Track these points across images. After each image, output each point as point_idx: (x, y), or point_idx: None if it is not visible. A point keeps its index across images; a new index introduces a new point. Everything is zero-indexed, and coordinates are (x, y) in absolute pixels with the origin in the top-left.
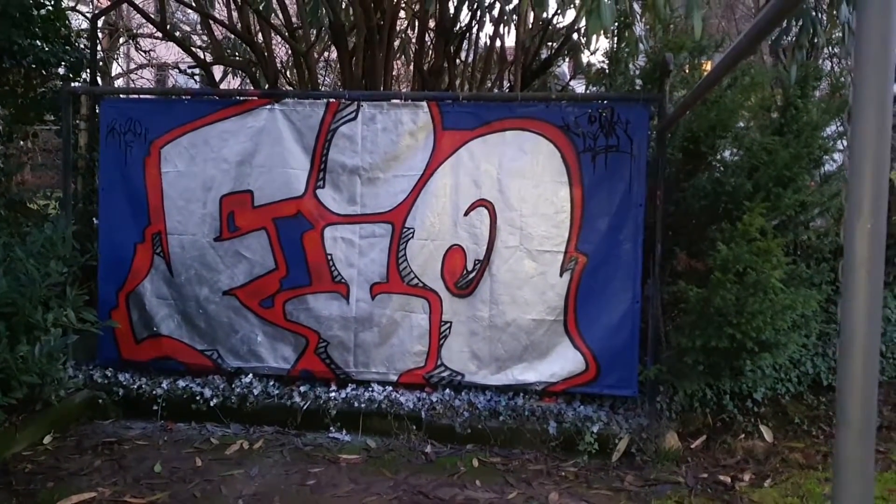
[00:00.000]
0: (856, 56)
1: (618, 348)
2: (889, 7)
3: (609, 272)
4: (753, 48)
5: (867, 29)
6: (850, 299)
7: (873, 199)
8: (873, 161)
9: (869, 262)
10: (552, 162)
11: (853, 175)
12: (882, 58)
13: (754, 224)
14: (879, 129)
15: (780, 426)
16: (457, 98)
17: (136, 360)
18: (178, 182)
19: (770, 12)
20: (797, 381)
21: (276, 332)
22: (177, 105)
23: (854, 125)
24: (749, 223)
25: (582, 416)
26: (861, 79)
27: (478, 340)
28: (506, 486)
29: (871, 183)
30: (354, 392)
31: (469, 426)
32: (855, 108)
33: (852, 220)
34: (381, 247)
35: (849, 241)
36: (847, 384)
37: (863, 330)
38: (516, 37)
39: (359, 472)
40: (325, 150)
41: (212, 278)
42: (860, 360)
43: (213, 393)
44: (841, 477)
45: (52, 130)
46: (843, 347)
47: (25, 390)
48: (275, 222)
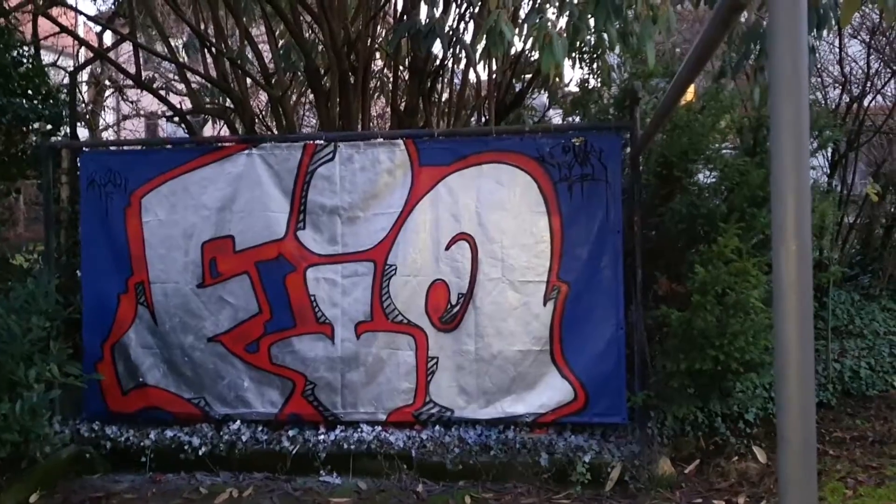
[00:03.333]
0: (770, 83)
1: (605, 375)
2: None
3: (592, 300)
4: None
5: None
6: (782, 321)
7: (797, 220)
8: (794, 183)
9: (797, 284)
10: (529, 193)
11: (775, 199)
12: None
13: (729, 245)
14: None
15: (773, 446)
16: (432, 135)
17: (123, 412)
18: (160, 231)
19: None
20: None
21: (262, 377)
22: (155, 154)
23: (773, 150)
24: (725, 244)
25: (573, 446)
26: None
27: (465, 375)
28: None
29: (793, 205)
30: (343, 434)
31: (460, 462)
32: (773, 133)
33: (778, 244)
34: (364, 285)
35: (776, 264)
36: (784, 405)
37: (796, 350)
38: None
39: None
40: (304, 191)
41: (196, 325)
42: (795, 380)
43: (201, 441)
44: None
45: (34, 185)
46: (779, 368)
47: (9, 448)
48: (257, 266)
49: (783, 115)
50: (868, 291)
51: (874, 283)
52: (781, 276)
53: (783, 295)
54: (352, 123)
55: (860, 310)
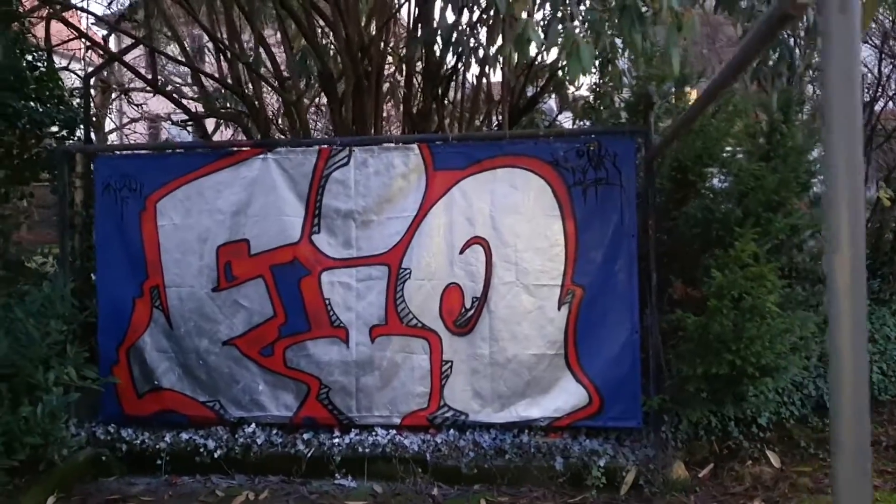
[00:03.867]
0: (823, 93)
1: (620, 380)
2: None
3: (606, 303)
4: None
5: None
6: (837, 327)
7: (850, 227)
8: (847, 191)
9: (851, 291)
10: (544, 197)
11: (829, 207)
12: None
13: (746, 250)
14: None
15: (786, 450)
16: (447, 139)
17: (138, 415)
18: (175, 235)
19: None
20: (801, 404)
21: (277, 380)
22: (171, 159)
23: (826, 158)
24: (741, 249)
25: (588, 450)
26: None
27: (479, 378)
28: None
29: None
30: (358, 437)
31: (475, 466)
32: (826, 143)
33: (832, 251)
34: (378, 289)
35: (830, 272)
36: (839, 409)
37: (849, 355)
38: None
39: None
40: (318, 195)
41: (211, 329)
42: (849, 385)
43: (216, 444)
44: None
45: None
46: (833, 374)
47: (28, 451)
48: (272, 270)
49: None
50: (878, 296)
51: (884, 288)
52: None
53: (837, 301)
54: (366, 128)
55: (870, 315)
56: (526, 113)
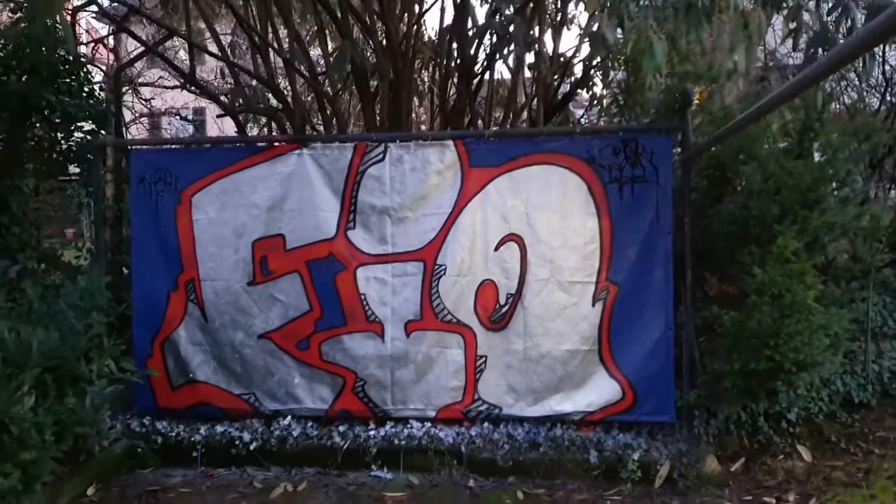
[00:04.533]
0: None
1: (653, 375)
2: None
3: (641, 300)
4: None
5: None
6: None
7: None
8: None
9: None
10: (579, 194)
11: None
12: None
13: (788, 247)
14: None
15: (816, 445)
16: (482, 136)
17: (172, 408)
18: (210, 229)
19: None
20: (829, 400)
21: (312, 374)
22: (206, 153)
23: None
24: (784, 246)
25: (622, 443)
26: None
27: (513, 373)
28: None
29: None
30: (394, 429)
31: (510, 459)
32: None
33: None
34: (413, 285)
35: None
36: None
37: None
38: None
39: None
40: (354, 191)
41: (246, 322)
42: None
43: (252, 437)
44: None
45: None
46: None
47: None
48: (307, 264)
49: None
50: None
51: None
52: None
53: None
54: (400, 124)
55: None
56: (560, 110)
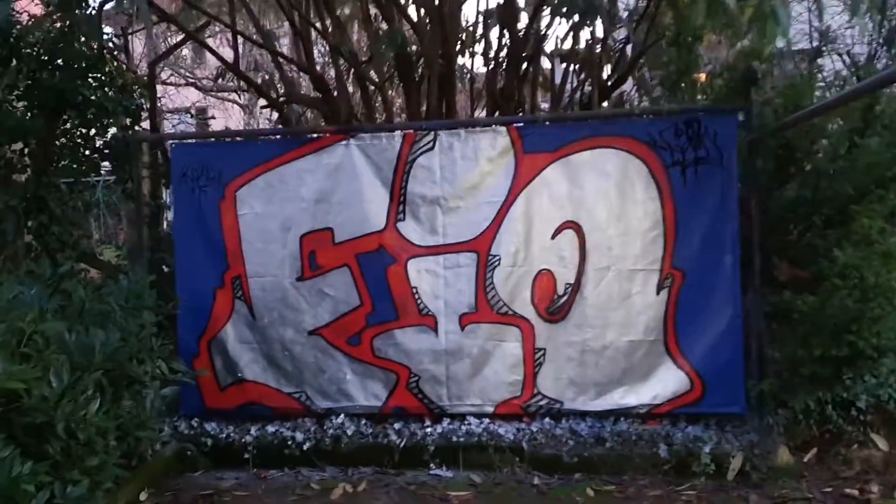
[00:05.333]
0: None
1: (722, 365)
2: None
3: (708, 287)
4: None
5: None
6: None
7: None
8: None
9: None
10: (640, 178)
11: None
12: None
13: (875, 227)
14: None
15: (890, 433)
16: (536, 120)
17: (221, 409)
18: (256, 224)
19: None
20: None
21: (365, 370)
22: (250, 146)
23: None
24: (868, 226)
25: (692, 436)
26: None
27: (574, 366)
28: None
29: None
30: (451, 426)
31: (575, 455)
32: None
33: None
34: (467, 276)
35: None
36: None
37: None
38: (590, 54)
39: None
40: (403, 182)
41: (296, 319)
42: None
43: (304, 436)
44: None
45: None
46: None
47: (131, 446)
48: (357, 258)
49: None
50: None
51: None
52: None
53: None
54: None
55: None
56: (613, 91)
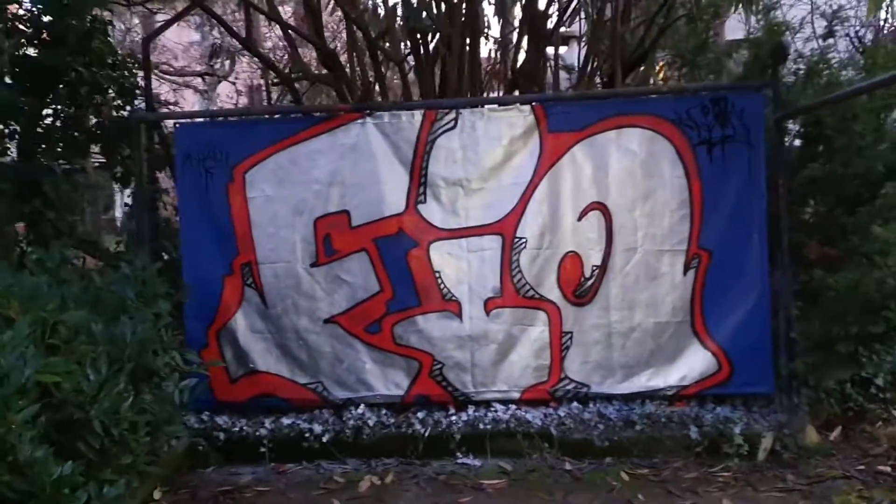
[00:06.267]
0: None
1: (750, 345)
2: None
3: (735, 267)
4: None
5: None
6: None
7: None
8: None
9: None
10: (666, 157)
11: None
12: None
13: None
14: None
15: None
16: (562, 98)
17: (232, 401)
18: (267, 207)
19: None
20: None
21: (385, 358)
22: (259, 126)
23: None
24: None
25: (721, 417)
26: None
27: (601, 349)
28: (672, 496)
29: None
30: (477, 413)
31: (605, 439)
32: None
33: None
34: (491, 260)
35: None
36: None
37: None
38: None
39: (511, 497)
40: (423, 162)
41: (310, 307)
42: None
43: (323, 428)
44: None
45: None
46: None
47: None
48: (375, 242)
49: None
50: None
51: None
52: None
53: None
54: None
55: None
56: (635, 68)
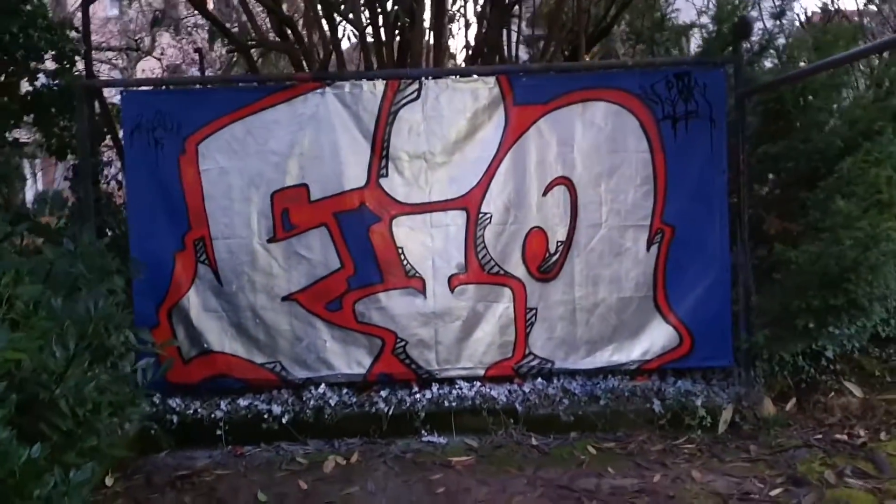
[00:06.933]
0: None
1: (710, 319)
2: None
3: (697, 242)
4: None
5: None
6: None
7: None
8: None
9: None
10: (631, 132)
11: None
12: None
13: (882, 175)
14: None
15: (861, 381)
16: (528, 70)
17: (184, 383)
18: (221, 180)
19: None
20: (858, 336)
21: (346, 336)
22: (214, 95)
23: None
24: (877, 175)
25: (683, 391)
26: None
27: (566, 325)
28: (641, 469)
29: None
30: (442, 391)
31: (571, 414)
32: None
33: None
34: (456, 235)
35: None
36: None
37: None
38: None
39: (482, 472)
40: (386, 135)
41: (268, 284)
42: None
43: (282, 409)
44: None
45: None
46: None
47: None
48: (336, 217)
49: None
50: None
51: None
52: None
53: None
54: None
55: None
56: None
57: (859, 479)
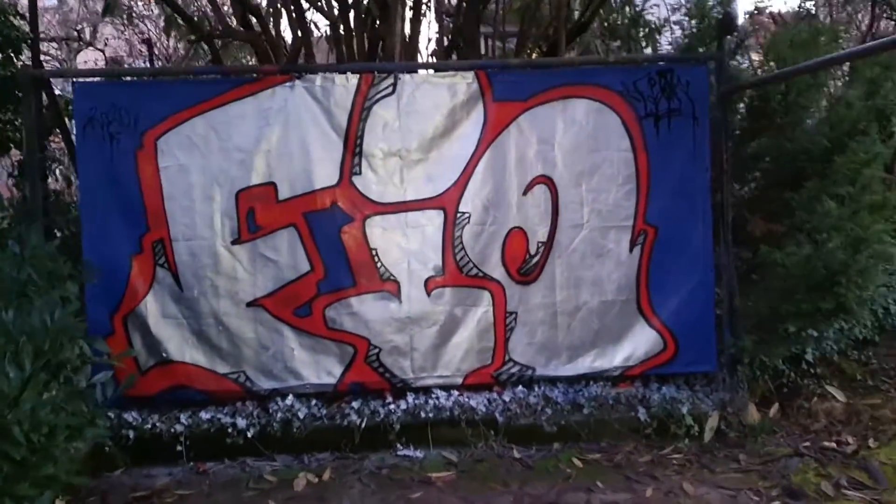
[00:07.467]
0: None
1: (694, 323)
2: None
3: (680, 243)
4: None
5: None
6: None
7: None
8: None
9: None
10: (614, 130)
11: None
12: None
13: (876, 175)
14: None
15: (843, 385)
16: (507, 66)
17: (140, 395)
18: (182, 178)
19: None
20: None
21: (316, 344)
22: (174, 87)
23: None
24: (871, 175)
25: (668, 398)
26: None
27: (546, 330)
28: (631, 482)
29: None
30: (417, 401)
31: (553, 423)
32: None
33: None
34: (432, 236)
35: None
36: None
37: None
38: None
39: (464, 489)
40: (359, 131)
41: (231, 288)
42: None
43: (248, 422)
44: None
45: None
46: None
47: None
48: (306, 217)
49: None
50: None
51: None
52: None
53: None
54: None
55: None
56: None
57: (856, 490)
